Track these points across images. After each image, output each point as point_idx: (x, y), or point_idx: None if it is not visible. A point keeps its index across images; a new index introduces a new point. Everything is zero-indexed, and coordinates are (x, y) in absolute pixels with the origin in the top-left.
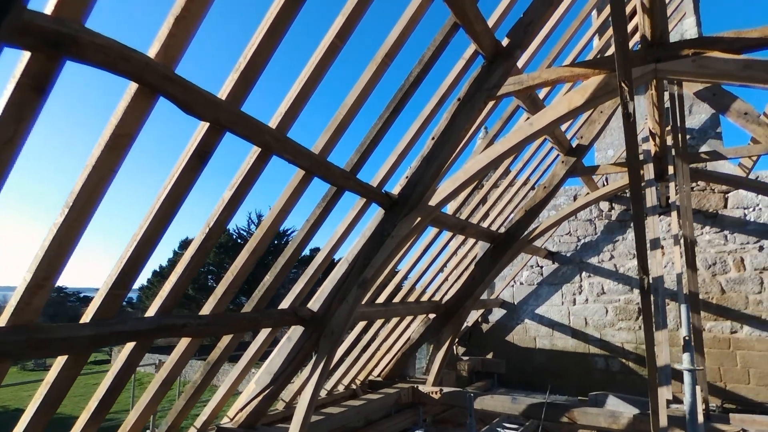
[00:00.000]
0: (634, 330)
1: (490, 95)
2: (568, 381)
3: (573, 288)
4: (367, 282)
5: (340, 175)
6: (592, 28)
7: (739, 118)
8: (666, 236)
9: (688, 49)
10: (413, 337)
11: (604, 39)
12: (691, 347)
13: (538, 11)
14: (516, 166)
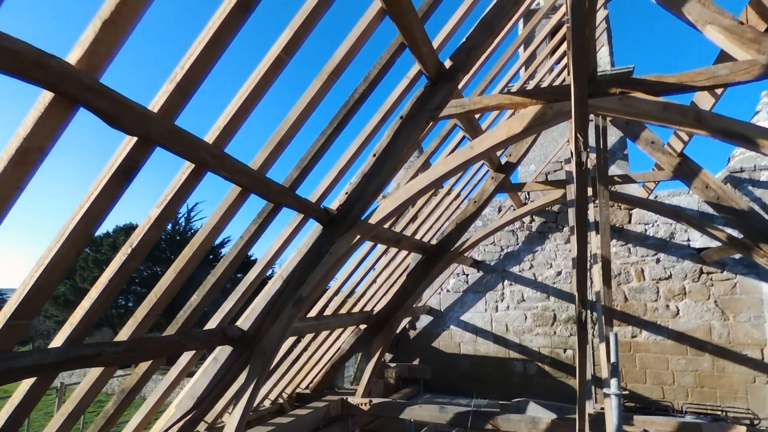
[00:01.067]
0: (550, 335)
1: (433, 116)
2: (490, 385)
3: (496, 295)
4: (302, 300)
5: (279, 192)
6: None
7: (647, 146)
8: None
9: (616, 88)
10: (343, 348)
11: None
12: (618, 372)
13: (480, 38)
14: (449, 180)
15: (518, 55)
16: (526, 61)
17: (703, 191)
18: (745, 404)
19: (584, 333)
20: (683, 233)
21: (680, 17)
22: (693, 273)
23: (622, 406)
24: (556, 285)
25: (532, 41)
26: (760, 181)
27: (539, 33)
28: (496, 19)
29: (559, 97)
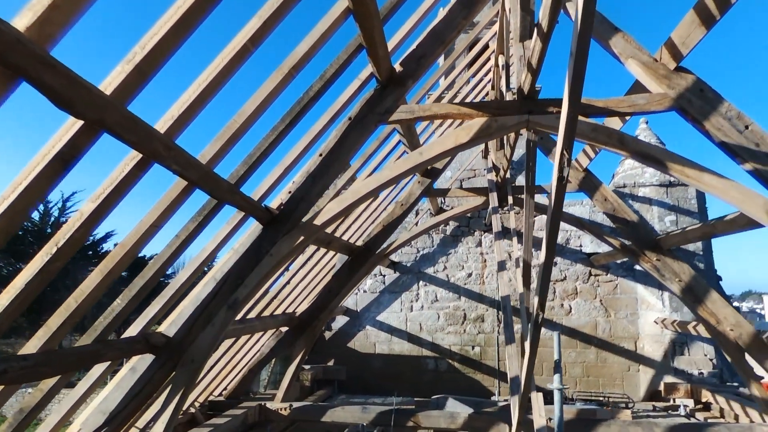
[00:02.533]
0: (460, 333)
1: (382, 119)
2: (403, 383)
3: (411, 296)
4: (239, 303)
5: (227, 189)
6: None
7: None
8: (488, 250)
9: (554, 107)
10: (263, 351)
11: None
12: (561, 369)
13: (431, 47)
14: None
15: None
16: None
17: (602, 203)
18: (621, 390)
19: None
20: (577, 239)
21: (607, 49)
22: (584, 275)
23: (562, 400)
24: (467, 286)
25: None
26: (638, 196)
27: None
28: (446, 30)
29: (503, 111)
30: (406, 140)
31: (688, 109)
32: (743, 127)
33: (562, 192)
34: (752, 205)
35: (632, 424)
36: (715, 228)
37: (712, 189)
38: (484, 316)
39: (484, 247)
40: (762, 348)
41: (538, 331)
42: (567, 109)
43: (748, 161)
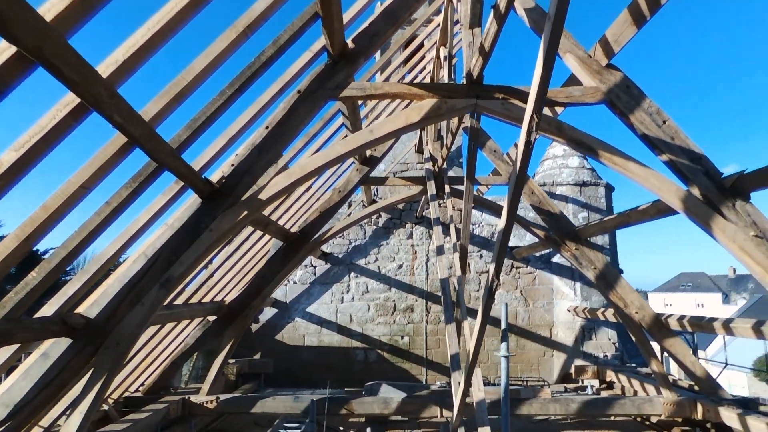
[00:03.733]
0: (390, 324)
1: (332, 95)
2: (333, 375)
3: (342, 287)
4: (173, 281)
5: (170, 153)
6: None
7: (490, 154)
8: (418, 242)
9: (499, 93)
10: (188, 342)
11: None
12: (507, 337)
13: (383, 26)
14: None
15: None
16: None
17: (530, 196)
18: (537, 374)
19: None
20: None
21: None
22: (506, 267)
23: (508, 369)
24: (397, 277)
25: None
26: (556, 194)
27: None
28: (400, 10)
29: (452, 94)
30: (350, 122)
31: (616, 103)
32: (661, 122)
33: (528, 156)
34: (668, 192)
35: (551, 401)
36: (629, 217)
37: (635, 176)
38: (413, 307)
39: (415, 239)
40: (661, 328)
41: (491, 299)
42: (541, 73)
43: (665, 153)
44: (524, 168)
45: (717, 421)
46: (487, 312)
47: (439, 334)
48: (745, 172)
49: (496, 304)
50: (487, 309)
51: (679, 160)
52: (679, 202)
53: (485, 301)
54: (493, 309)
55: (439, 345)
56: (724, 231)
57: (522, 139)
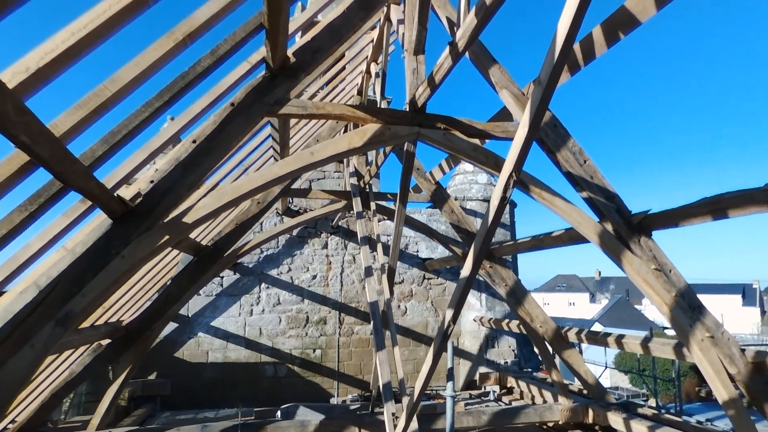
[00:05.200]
0: (302, 336)
1: (271, 111)
2: (239, 392)
3: (252, 299)
4: (73, 317)
5: (82, 173)
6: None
7: (414, 172)
8: (333, 252)
9: (441, 123)
10: (75, 370)
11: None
12: (453, 376)
13: (327, 42)
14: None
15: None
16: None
17: (449, 215)
18: (444, 382)
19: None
20: (414, 245)
21: (485, 77)
22: (419, 278)
23: (453, 407)
24: (311, 288)
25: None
26: (466, 208)
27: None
28: (343, 28)
29: (396, 120)
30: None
31: (545, 140)
32: (583, 161)
33: (501, 211)
34: (587, 227)
35: (465, 414)
36: (542, 242)
37: (559, 210)
38: (326, 319)
39: (330, 249)
40: (561, 341)
41: (446, 340)
42: (525, 135)
43: (585, 190)
44: (495, 223)
45: (605, 424)
46: (438, 355)
47: (351, 346)
48: (649, 212)
49: (407, 315)
50: (439, 352)
51: (596, 197)
52: (595, 236)
53: (438, 344)
54: (405, 320)
55: (352, 357)
56: (631, 264)
57: (497, 195)
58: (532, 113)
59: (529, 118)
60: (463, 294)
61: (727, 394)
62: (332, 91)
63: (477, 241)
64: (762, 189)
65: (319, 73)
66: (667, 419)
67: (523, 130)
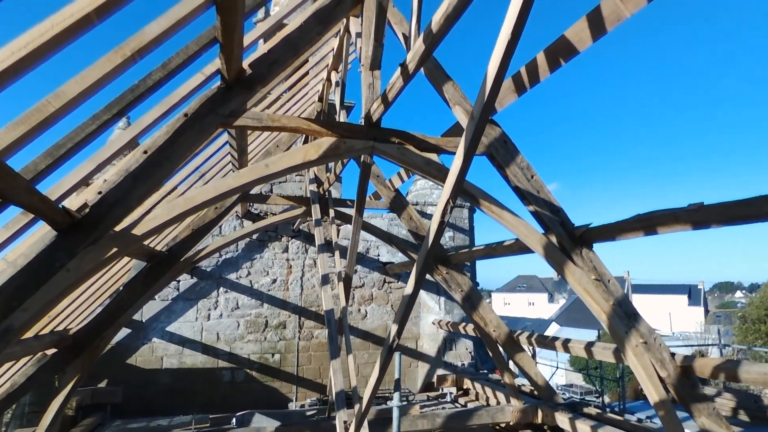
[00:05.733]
0: (261, 341)
1: (225, 123)
2: (195, 398)
3: (209, 303)
4: (13, 332)
5: (24, 189)
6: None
7: (373, 179)
8: (294, 256)
9: (395, 137)
10: (17, 381)
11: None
12: (400, 387)
13: (283, 55)
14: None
15: None
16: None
17: (408, 221)
18: (404, 385)
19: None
20: (375, 249)
21: (439, 93)
22: (379, 282)
23: (399, 417)
24: (270, 292)
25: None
26: (427, 213)
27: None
28: (300, 41)
29: (351, 134)
30: (235, 151)
31: (495, 156)
32: (530, 177)
33: (440, 233)
34: (533, 239)
35: (420, 418)
36: (495, 250)
37: (508, 224)
38: (286, 323)
39: (291, 252)
40: (513, 344)
41: (391, 353)
42: (461, 166)
43: (532, 204)
44: (435, 244)
45: (553, 424)
46: (384, 367)
47: (311, 350)
48: (590, 226)
49: (367, 319)
50: (385, 364)
51: (542, 211)
52: (541, 248)
53: (383, 358)
54: (365, 324)
55: (311, 361)
56: (573, 274)
57: (436, 219)
58: (466, 146)
59: (463, 150)
60: (406, 311)
61: (658, 396)
62: (295, 95)
63: (418, 262)
64: (685, 209)
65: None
66: (609, 418)
67: (459, 161)
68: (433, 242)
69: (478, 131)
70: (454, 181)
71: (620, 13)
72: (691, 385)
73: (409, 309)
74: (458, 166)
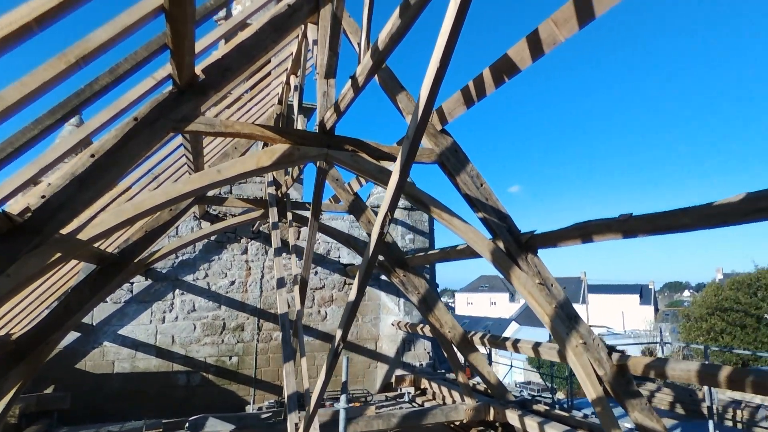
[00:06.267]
0: (218, 344)
1: (177, 127)
2: (148, 403)
3: (164, 306)
4: None
5: None
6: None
7: (332, 182)
8: (253, 258)
9: (349, 145)
10: None
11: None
12: (347, 389)
13: (237, 61)
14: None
15: None
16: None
17: (366, 225)
18: (362, 385)
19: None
20: (336, 251)
21: (393, 103)
22: (339, 283)
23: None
24: (229, 294)
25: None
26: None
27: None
28: (255, 49)
29: (305, 141)
30: (191, 156)
31: (446, 164)
32: (479, 185)
33: (380, 244)
34: (481, 245)
35: (375, 418)
36: (449, 254)
37: (457, 230)
38: (244, 325)
39: (250, 254)
40: (468, 345)
41: (336, 357)
42: (397, 181)
43: (480, 211)
44: (375, 254)
45: (504, 421)
46: (330, 369)
47: (270, 352)
48: (535, 232)
49: (327, 320)
50: (331, 368)
51: (490, 218)
52: (488, 253)
53: (329, 362)
54: (324, 325)
55: (270, 363)
56: (518, 278)
57: (376, 230)
58: (402, 163)
59: (399, 167)
60: (350, 316)
61: (595, 393)
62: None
63: (360, 270)
64: (617, 219)
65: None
66: (556, 414)
67: (396, 176)
68: (374, 252)
69: (413, 149)
70: (392, 194)
71: (556, 37)
72: (626, 382)
73: (353, 315)
74: (395, 180)
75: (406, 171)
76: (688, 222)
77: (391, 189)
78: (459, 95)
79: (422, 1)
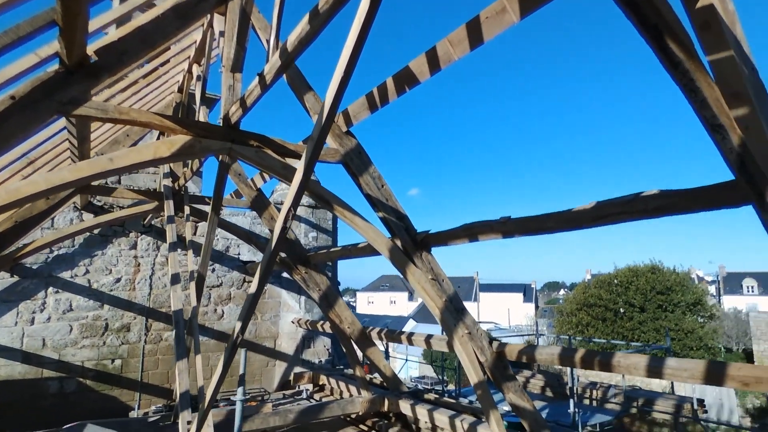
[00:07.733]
0: (99, 346)
1: (64, 110)
2: (14, 414)
3: (34, 305)
4: None
5: None
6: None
7: (234, 177)
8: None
9: (254, 141)
10: None
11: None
12: (244, 382)
13: (135, 47)
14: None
15: None
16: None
17: (269, 221)
18: (260, 384)
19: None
20: (236, 248)
21: (300, 102)
22: (238, 281)
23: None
24: (113, 292)
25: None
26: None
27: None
28: (156, 35)
29: (208, 134)
30: (76, 142)
31: (350, 165)
32: (380, 186)
33: (282, 240)
34: (380, 243)
35: (272, 415)
36: (350, 251)
37: (358, 228)
38: (130, 326)
39: (140, 249)
40: (366, 340)
41: (234, 350)
42: (301, 179)
43: (381, 211)
44: (277, 249)
45: (397, 411)
46: (228, 363)
47: (159, 354)
48: (429, 232)
49: (224, 319)
50: (228, 361)
51: (389, 217)
52: (387, 251)
53: (227, 355)
54: (221, 325)
55: (158, 365)
56: (413, 274)
57: (278, 225)
58: (306, 162)
59: (303, 165)
60: (250, 309)
61: (477, 378)
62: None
63: (261, 265)
64: (497, 221)
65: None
66: (445, 402)
67: (300, 174)
68: (275, 247)
69: (317, 148)
70: (296, 191)
71: (451, 55)
72: (503, 367)
73: (253, 307)
74: (299, 178)
75: (310, 169)
76: (552, 225)
77: (295, 186)
78: (364, 100)
79: (330, 12)
